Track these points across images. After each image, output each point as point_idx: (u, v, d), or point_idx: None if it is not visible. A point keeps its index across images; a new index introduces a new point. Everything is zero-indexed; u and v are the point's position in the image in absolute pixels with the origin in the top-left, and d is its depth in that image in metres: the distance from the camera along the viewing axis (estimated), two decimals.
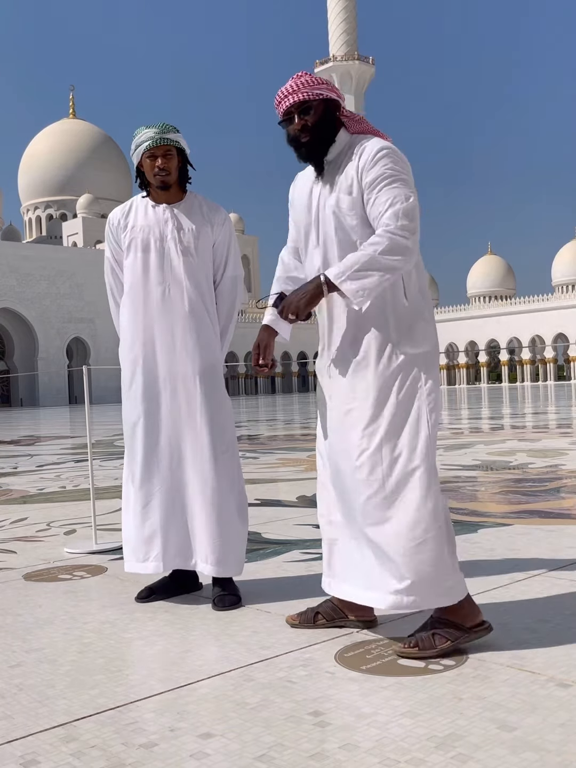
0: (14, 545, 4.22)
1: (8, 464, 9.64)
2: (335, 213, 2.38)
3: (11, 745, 1.80)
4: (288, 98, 2.40)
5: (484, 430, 12.87)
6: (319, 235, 2.44)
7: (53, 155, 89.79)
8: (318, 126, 2.40)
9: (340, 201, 2.38)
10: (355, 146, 2.40)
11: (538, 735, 1.71)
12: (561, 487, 5.57)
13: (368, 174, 2.32)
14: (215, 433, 2.95)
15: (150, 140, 2.90)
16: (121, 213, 3.07)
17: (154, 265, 2.96)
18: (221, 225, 3.05)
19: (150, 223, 2.99)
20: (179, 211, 3.00)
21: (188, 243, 2.96)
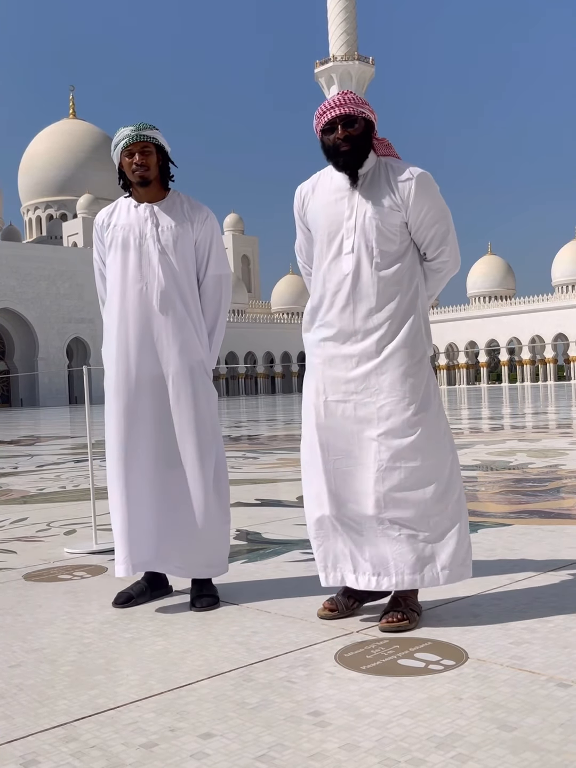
0: (14, 545, 4.22)
1: (8, 464, 9.64)
2: (378, 226, 2.57)
3: (11, 745, 1.80)
4: (335, 109, 2.59)
5: (484, 430, 12.87)
6: (355, 243, 2.58)
7: (53, 155, 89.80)
8: (360, 139, 2.60)
9: (383, 214, 2.57)
10: (391, 166, 2.63)
11: (538, 735, 1.71)
12: (561, 487, 5.57)
13: (416, 201, 2.56)
14: (194, 434, 2.90)
15: (127, 137, 2.91)
16: (106, 213, 3.07)
17: (132, 264, 2.94)
18: (202, 223, 3.01)
19: (131, 221, 2.98)
20: (159, 209, 2.99)
21: (167, 241, 2.94)
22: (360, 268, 2.58)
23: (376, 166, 2.65)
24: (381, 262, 2.57)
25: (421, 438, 2.53)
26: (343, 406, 2.59)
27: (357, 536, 2.59)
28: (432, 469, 2.54)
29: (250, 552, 3.78)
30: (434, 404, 2.60)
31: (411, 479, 2.52)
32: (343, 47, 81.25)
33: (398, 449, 2.51)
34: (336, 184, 2.66)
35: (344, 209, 2.62)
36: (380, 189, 2.60)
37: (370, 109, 2.63)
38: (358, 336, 2.58)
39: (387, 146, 2.70)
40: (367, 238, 2.57)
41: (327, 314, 2.64)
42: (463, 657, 2.21)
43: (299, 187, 2.79)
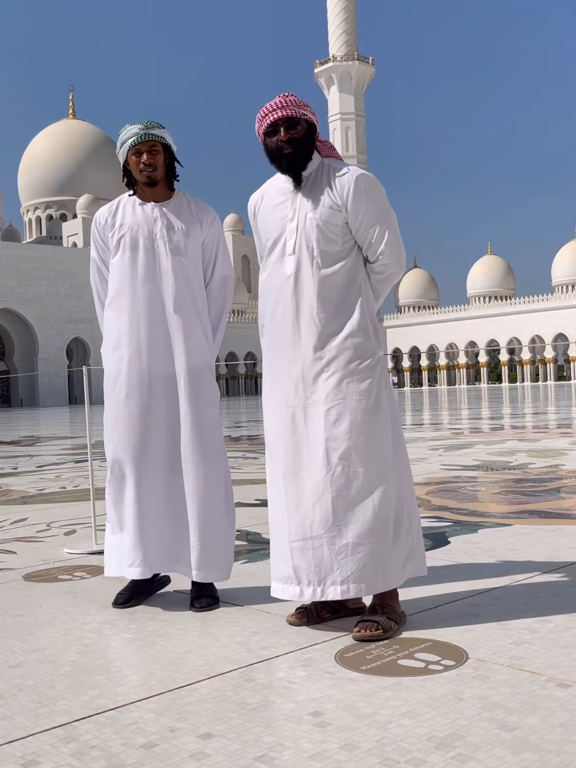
0: (14, 546, 4.22)
1: (8, 465, 9.64)
2: (319, 226, 2.56)
3: (11, 745, 1.80)
4: (276, 112, 2.58)
5: (484, 430, 12.87)
6: (296, 244, 2.58)
7: (53, 156, 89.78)
8: (302, 140, 2.59)
9: (324, 215, 2.56)
10: (332, 167, 2.62)
11: (538, 735, 1.71)
12: (561, 487, 5.57)
13: (354, 201, 2.55)
14: (201, 437, 2.90)
15: (135, 136, 2.88)
16: (108, 212, 3.02)
17: (142, 264, 2.92)
18: (210, 224, 3.03)
19: (138, 221, 2.95)
20: (168, 210, 2.97)
21: (178, 242, 2.93)
22: (301, 268, 2.57)
23: (319, 168, 2.64)
24: (322, 261, 2.55)
25: (366, 443, 2.49)
26: (293, 411, 2.56)
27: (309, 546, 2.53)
28: (376, 476, 2.49)
29: (250, 552, 3.78)
30: (384, 408, 2.55)
31: (356, 485, 2.47)
32: (342, 47, 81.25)
33: (345, 454, 2.47)
34: (280, 188, 2.66)
35: (287, 211, 2.62)
36: (321, 189, 2.59)
37: (311, 111, 2.64)
38: (302, 337, 2.56)
39: (330, 148, 2.70)
40: (308, 239, 2.56)
41: (273, 317, 2.63)
42: (463, 657, 2.21)
43: (251, 198, 2.80)
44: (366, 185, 2.57)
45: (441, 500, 5.12)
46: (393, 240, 2.61)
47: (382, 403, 2.55)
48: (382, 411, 2.55)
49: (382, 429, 2.54)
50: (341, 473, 2.47)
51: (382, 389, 2.56)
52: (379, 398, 2.55)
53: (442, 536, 3.93)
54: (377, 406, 2.54)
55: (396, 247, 2.63)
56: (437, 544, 3.73)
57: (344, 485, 2.47)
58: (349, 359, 2.52)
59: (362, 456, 2.48)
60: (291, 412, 2.57)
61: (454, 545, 3.70)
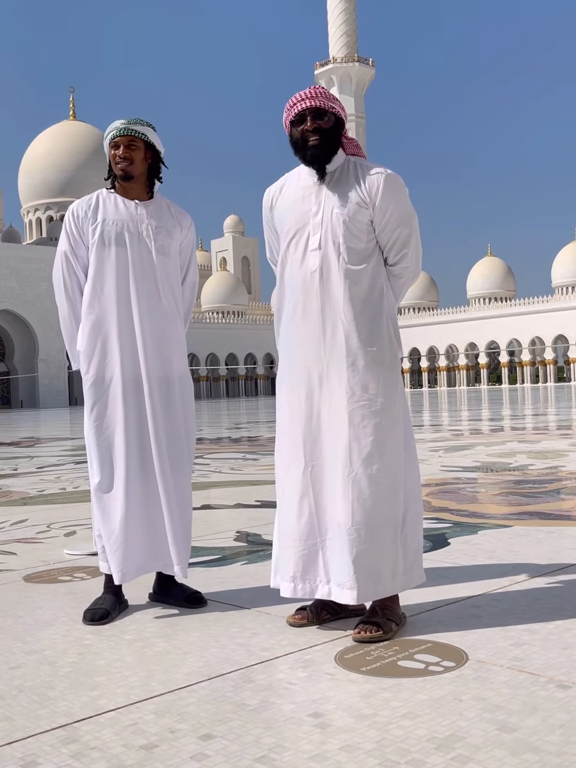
0: (14, 547, 4.22)
1: (8, 466, 9.64)
2: (345, 222, 2.51)
3: (11, 746, 1.80)
4: (305, 101, 2.54)
5: (484, 431, 12.87)
6: (321, 239, 2.52)
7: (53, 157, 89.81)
8: (329, 133, 2.56)
9: (351, 211, 2.52)
10: (359, 164, 2.59)
11: (538, 736, 1.71)
12: (561, 488, 5.57)
13: (383, 200, 2.52)
14: (190, 436, 2.97)
15: (116, 130, 2.89)
16: (87, 205, 2.96)
17: (130, 261, 2.88)
18: (188, 228, 3.06)
19: (123, 217, 2.92)
20: (152, 210, 2.97)
21: (163, 241, 2.94)
22: (328, 264, 2.52)
23: (345, 164, 2.61)
24: (348, 258, 2.51)
25: (389, 446, 2.48)
26: (313, 410, 2.53)
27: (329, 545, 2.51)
28: (394, 480, 2.48)
29: (250, 554, 3.78)
30: (398, 408, 2.53)
31: (376, 489, 2.44)
32: (343, 49, 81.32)
33: (369, 457, 2.45)
34: (303, 181, 2.62)
35: (311, 205, 2.57)
36: (348, 186, 2.55)
37: (340, 106, 2.61)
38: (327, 335, 2.51)
39: (356, 146, 2.67)
40: (334, 234, 2.52)
41: (294, 313, 2.58)
42: (463, 658, 2.21)
43: (267, 190, 2.75)
44: (395, 185, 2.55)
45: (441, 501, 5.12)
46: (416, 244, 2.61)
47: (403, 406, 2.56)
48: (402, 414, 2.55)
49: (401, 432, 2.54)
50: (363, 475, 2.44)
51: (402, 391, 2.57)
52: (401, 400, 2.55)
53: (442, 537, 3.93)
54: (400, 409, 2.54)
55: (417, 250, 2.62)
56: (437, 546, 3.73)
57: (365, 488, 2.44)
58: (374, 359, 2.50)
59: (385, 459, 2.46)
60: (311, 411, 2.53)
61: (454, 546, 3.70)
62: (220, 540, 4.10)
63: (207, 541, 4.06)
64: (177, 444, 2.90)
